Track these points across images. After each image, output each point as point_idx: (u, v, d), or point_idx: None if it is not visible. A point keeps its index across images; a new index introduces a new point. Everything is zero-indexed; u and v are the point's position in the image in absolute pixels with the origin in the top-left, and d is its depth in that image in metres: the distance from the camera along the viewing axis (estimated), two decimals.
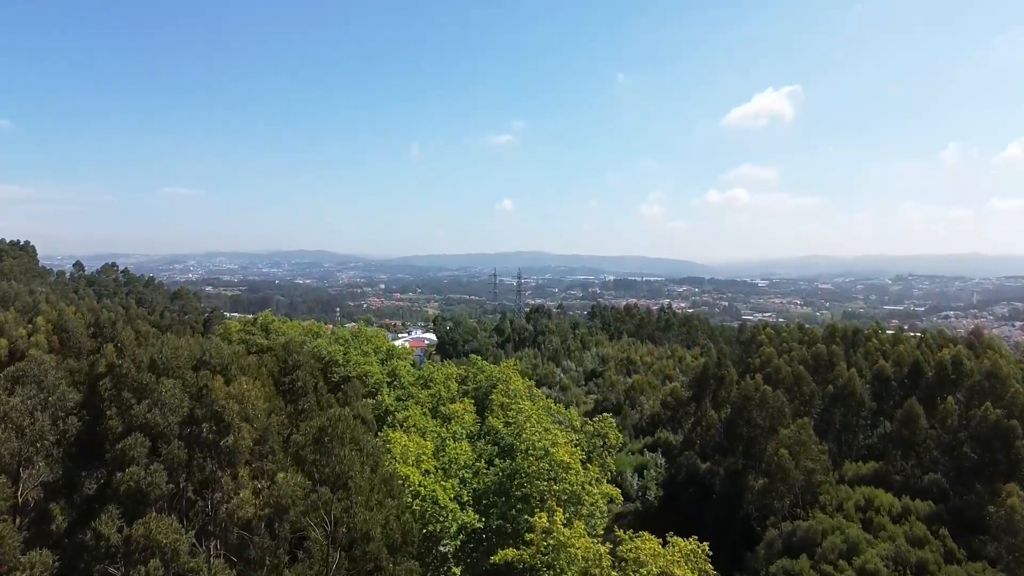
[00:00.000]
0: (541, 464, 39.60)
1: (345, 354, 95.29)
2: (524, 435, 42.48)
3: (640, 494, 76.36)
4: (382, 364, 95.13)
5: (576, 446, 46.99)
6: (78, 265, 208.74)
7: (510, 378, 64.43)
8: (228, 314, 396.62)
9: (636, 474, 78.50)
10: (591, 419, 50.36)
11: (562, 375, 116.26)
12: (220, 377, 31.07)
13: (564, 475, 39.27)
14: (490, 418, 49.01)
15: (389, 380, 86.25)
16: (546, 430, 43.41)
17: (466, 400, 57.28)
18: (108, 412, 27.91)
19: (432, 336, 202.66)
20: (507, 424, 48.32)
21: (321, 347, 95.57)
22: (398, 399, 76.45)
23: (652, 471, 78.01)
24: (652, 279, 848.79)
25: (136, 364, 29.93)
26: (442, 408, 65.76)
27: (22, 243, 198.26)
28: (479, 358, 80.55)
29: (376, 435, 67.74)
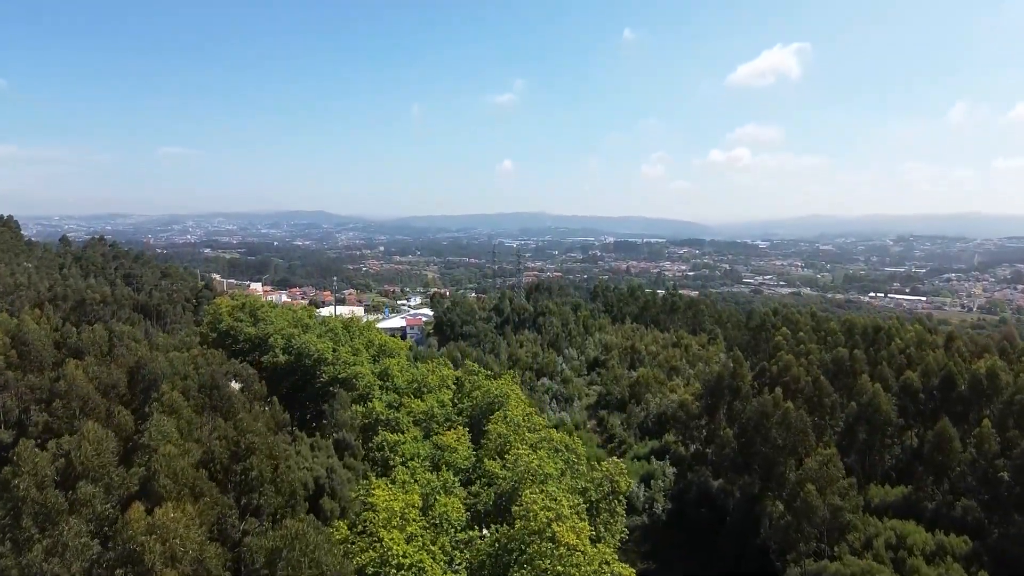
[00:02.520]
0: (543, 545, 34.62)
1: (335, 351, 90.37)
2: (524, 501, 37.39)
3: (647, 506, 71.81)
4: (374, 361, 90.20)
5: (583, 493, 42.21)
6: (64, 240, 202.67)
7: (508, 396, 59.46)
8: (224, 280, 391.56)
9: (643, 484, 73.84)
10: (599, 462, 45.17)
11: (564, 365, 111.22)
12: (140, 505, 25.71)
13: (569, 556, 34.31)
14: (487, 461, 44.04)
15: (380, 383, 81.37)
16: (549, 498, 38.22)
17: (460, 429, 52.23)
18: (1, 548, 22.75)
19: (429, 312, 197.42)
20: (505, 467, 43.34)
21: (310, 343, 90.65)
22: (389, 406, 71.68)
23: (660, 481, 73.35)
24: (652, 240, 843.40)
25: (38, 481, 24.68)
26: (435, 433, 60.96)
27: (4, 217, 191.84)
28: (476, 365, 75.72)
29: (363, 456, 63.15)
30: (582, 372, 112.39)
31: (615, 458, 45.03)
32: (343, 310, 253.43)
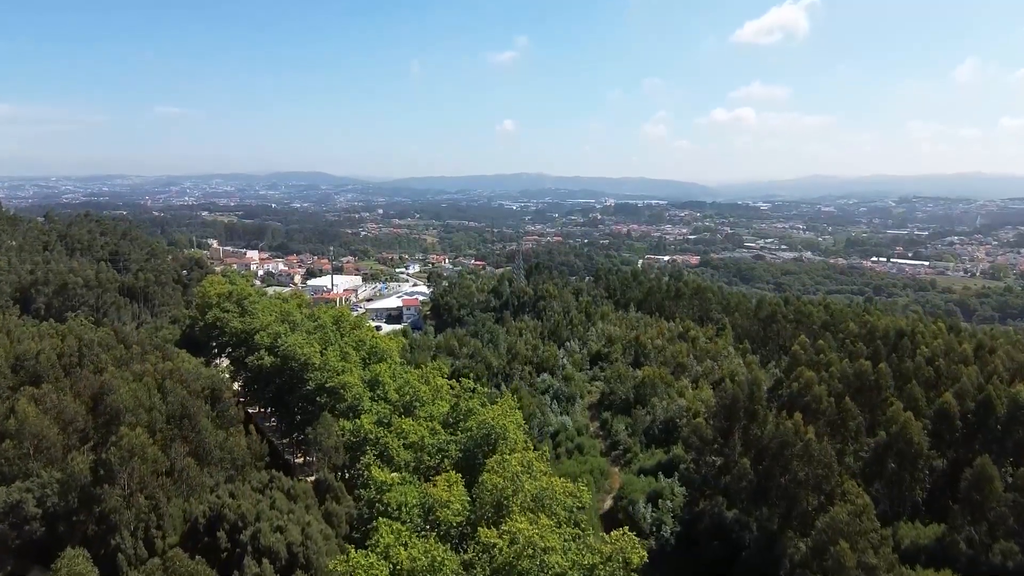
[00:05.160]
0: None
1: (323, 353, 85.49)
2: None
3: (654, 529, 67.06)
4: (364, 365, 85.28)
5: (590, 571, 37.33)
6: (48, 217, 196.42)
7: (507, 429, 54.36)
8: (221, 248, 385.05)
9: (649, 503, 69.08)
10: (608, 534, 40.17)
11: (565, 360, 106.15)
12: None
13: None
14: (481, 529, 39.14)
15: (370, 392, 76.59)
16: None
17: (453, 474, 47.22)
18: None
19: (426, 290, 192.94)
20: (501, 535, 38.43)
21: (295, 347, 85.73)
22: (379, 422, 66.88)
23: (668, 501, 68.53)
24: (653, 203, 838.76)
25: None
26: (425, 466, 56.16)
27: None
28: (473, 382, 70.73)
29: (347, 481, 58.42)
30: (584, 367, 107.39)
31: (626, 529, 39.82)
32: (340, 280, 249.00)
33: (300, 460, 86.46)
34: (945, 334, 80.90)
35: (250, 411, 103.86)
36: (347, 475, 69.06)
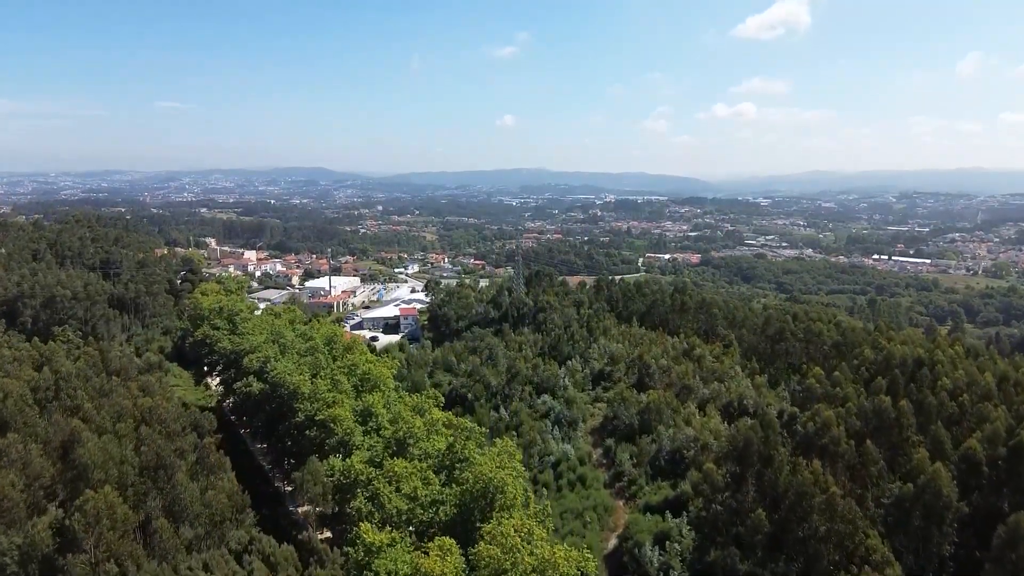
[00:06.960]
0: None
1: (313, 380, 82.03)
2: None
3: (661, 574, 63.39)
4: (356, 393, 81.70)
5: None
6: (38, 224, 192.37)
7: (505, 483, 50.66)
8: (219, 248, 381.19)
9: (656, 546, 65.35)
10: None
11: (567, 381, 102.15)
12: None
13: None
14: None
15: (363, 427, 73.00)
16: None
17: (446, 540, 43.60)
18: None
19: (424, 297, 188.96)
20: None
21: (284, 375, 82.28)
22: (371, 461, 63.27)
23: (676, 544, 64.81)
24: (653, 199, 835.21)
25: None
26: (417, 520, 52.60)
27: None
28: (467, 421, 67.12)
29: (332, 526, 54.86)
30: (586, 386, 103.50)
31: None
32: (339, 281, 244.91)
33: (290, 488, 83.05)
34: (964, 359, 77.24)
35: (241, 431, 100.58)
36: (336, 511, 65.57)
